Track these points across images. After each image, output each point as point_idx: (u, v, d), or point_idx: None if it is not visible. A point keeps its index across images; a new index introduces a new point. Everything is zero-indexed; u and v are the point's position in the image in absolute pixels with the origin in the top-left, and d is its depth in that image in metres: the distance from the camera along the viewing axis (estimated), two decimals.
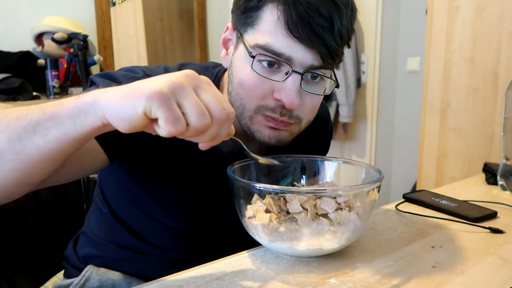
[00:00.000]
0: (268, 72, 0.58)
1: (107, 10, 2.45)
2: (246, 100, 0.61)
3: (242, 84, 0.60)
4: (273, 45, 0.56)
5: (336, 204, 0.55)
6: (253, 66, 0.58)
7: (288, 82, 0.57)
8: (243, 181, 0.56)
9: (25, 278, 0.83)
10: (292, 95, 0.57)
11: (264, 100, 0.60)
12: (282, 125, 0.62)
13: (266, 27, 0.56)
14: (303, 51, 0.56)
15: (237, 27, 0.62)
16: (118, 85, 0.59)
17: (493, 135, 1.48)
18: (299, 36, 0.54)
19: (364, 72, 2.59)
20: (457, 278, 0.52)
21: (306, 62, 0.57)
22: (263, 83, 0.58)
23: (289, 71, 0.57)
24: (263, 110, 0.60)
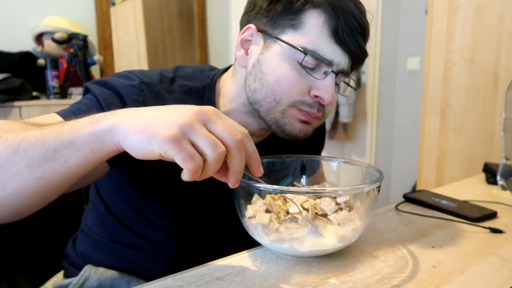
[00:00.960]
0: (310, 73, 0.63)
1: (107, 10, 2.45)
2: (282, 96, 0.64)
3: (280, 81, 0.63)
4: (319, 51, 0.61)
5: (336, 204, 0.55)
6: (302, 65, 0.62)
7: (328, 80, 0.62)
8: (243, 181, 0.56)
9: (26, 278, 0.83)
10: (332, 92, 0.62)
11: (302, 96, 0.64)
12: (314, 120, 0.66)
13: (312, 32, 0.61)
14: (342, 55, 0.62)
15: (265, 29, 0.65)
16: (113, 93, 0.61)
17: (493, 135, 1.48)
18: (342, 41, 0.60)
19: (364, 72, 2.59)
20: (457, 278, 0.52)
21: (341, 65, 0.63)
22: (303, 80, 0.63)
23: (328, 71, 0.62)
24: (300, 105, 0.64)
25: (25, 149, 0.45)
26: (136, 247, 0.73)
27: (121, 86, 0.63)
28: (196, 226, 0.76)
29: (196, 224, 0.76)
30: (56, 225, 0.90)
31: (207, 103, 0.68)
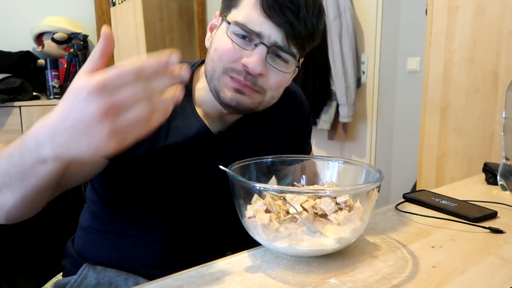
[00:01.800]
0: (241, 43, 0.67)
1: (107, 10, 2.45)
2: (217, 63, 0.69)
3: (217, 49, 0.69)
4: (248, 23, 0.65)
5: (336, 204, 0.55)
6: (227, 32, 0.67)
7: (255, 51, 0.66)
8: (243, 181, 0.56)
9: (26, 279, 0.83)
10: (256, 61, 0.65)
11: (233, 63, 0.68)
12: (245, 89, 0.68)
13: (245, 7, 0.67)
14: (272, 28, 0.65)
15: (222, 13, 0.71)
16: None
17: (493, 135, 1.48)
18: (270, 15, 0.64)
19: (364, 72, 2.59)
20: (457, 278, 0.52)
21: (273, 38, 0.66)
22: (235, 50, 0.67)
23: (258, 42, 0.66)
24: (229, 72, 0.68)
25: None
26: (131, 235, 0.75)
27: None
28: (196, 225, 0.77)
29: (195, 223, 0.77)
30: (56, 225, 0.90)
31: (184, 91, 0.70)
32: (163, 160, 0.71)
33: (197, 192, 0.74)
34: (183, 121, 0.72)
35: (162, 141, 0.70)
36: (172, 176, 0.72)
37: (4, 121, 1.78)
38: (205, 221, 0.77)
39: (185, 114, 0.73)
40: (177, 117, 0.72)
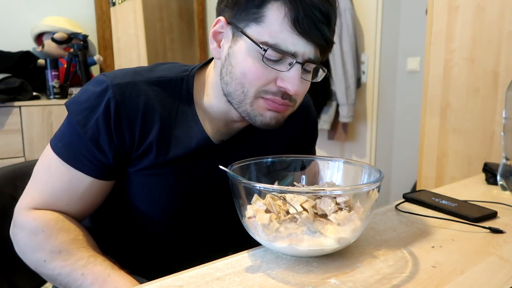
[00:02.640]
0: (274, 65, 0.63)
1: (107, 10, 2.45)
2: (248, 88, 0.65)
3: (246, 74, 0.64)
4: (281, 44, 0.61)
5: (336, 204, 0.55)
6: (264, 60, 0.62)
7: (292, 72, 0.63)
8: (243, 181, 0.56)
9: (26, 279, 0.83)
10: (297, 83, 0.63)
11: (266, 86, 0.65)
12: (281, 108, 0.67)
13: (273, 25, 0.61)
14: (305, 45, 0.62)
15: (233, 22, 0.65)
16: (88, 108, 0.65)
17: (493, 135, 1.48)
18: (304, 32, 0.60)
19: (364, 72, 2.59)
20: (457, 278, 0.52)
21: (307, 55, 0.63)
22: (268, 72, 0.64)
23: (293, 62, 0.63)
24: (263, 94, 0.65)
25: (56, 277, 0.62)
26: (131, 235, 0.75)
27: (99, 103, 0.65)
28: (195, 225, 0.77)
29: (196, 224, 0.77)
30: None
31: (185, 95, 0.71)
32: (165, 170, 0.70)
33: (198, 199, 0.74)
34: (185, 130, 0.70)
35: (164, 153, 0.68)
36: (173, 185, 0.71)
37: (4, 121, 1.78)
38: (206, 222, 0.77)
39: (186, 122, 0.71)
40: (178, 125, 0.70)
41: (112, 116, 0.64)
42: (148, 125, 0.67)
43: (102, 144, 0.65)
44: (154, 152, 0.67)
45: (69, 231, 0.65)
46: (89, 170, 0.65)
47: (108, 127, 0.64)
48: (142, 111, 0.66)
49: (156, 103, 0.68)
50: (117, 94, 0.65)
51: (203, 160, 0.72)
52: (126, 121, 0.65)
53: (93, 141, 0.64)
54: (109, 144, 0.65)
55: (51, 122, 1.87)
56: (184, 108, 0.71)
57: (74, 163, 0.65)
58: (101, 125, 0.64)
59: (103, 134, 0.64)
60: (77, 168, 0.65)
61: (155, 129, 0.67)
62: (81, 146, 0.65)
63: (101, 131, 0.64)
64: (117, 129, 0.64)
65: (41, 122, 1.86)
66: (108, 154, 0.65)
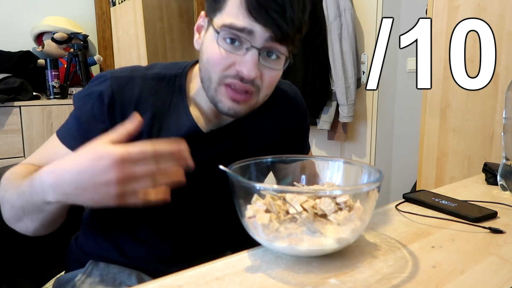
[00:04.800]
0: (231, 48, 0.67)
1: (107, 10, 2.45)
2: (212, 73, 0.69)
3: (209, 59, 0.68)
4: (236, 24, 0.65)
5: (336, 204, 0.55)
6: (218, 41, 0.66)
7: (247, 55, 0.66)
8: (243, 181, 0.56)
9: (26, 279, 0.83)
10: (251, 67, 0.66)
11: (227, 70, 0.68)
12: (242, 97, 0.69)
13: (231, 10, 0.65)
14: (261, 30, 0.65)
15: (208, 14, 0.70)
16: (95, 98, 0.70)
17: (493, 135, 1.48)
18: (256, 17, 0.64)
19: (364, 72, 2.59)
20: (457, 278, 0.52)
21: (262, 40, 0.65)
22: (227, 57, 0.67)
23: (249, 45, 0.65)
24: (225, 79, 0.68)
25: (19, 209, 0.61)
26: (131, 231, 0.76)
27: (97, 89, 0.70)
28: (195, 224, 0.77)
29: (194, 222, 0.77)
30: None
31: (177, 90, 0.75)
32: None
33: (191, 190, 0.74)
34: (175, 120, 0.73)
35: (154, 140, 0.70)
36: None
37: (4, 121, 1.78)
38: (205, 220, 0.78)
39: (178, 113, 0.74)
40: (170, 116, 0.73)
41: (106, 102, 0.69)
42: (140, 113, 0.69)
43: (94, 127, 0.69)
44: (145, 138, 0.70)
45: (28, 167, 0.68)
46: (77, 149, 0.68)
47: (102, 112, 0.69)
48: (136, 101, 0.71)
49: (149, 95, 0.72)
50: (114, 84, 0.70)
51: (193, 147, 0.73)
52: (119, 108, 0.69)
53: (87, 123, 0.69)
54: (100, 127, 0.68)
55: (51, 122, 1.87)
56: (176, 101, 0.74)
57: (68, 142, 0.70)
58: (96, 109, 0.69)
59: (96, 117, 0.69)
60: (68, 147, 0.69)
61: (146, 117, 0.71)
62: (77, 128, 0.70)
63: (95, 114, 0.69)
64: (110, 114, 0.69)
65: (41, 122, 1.85)
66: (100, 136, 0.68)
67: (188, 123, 0.73)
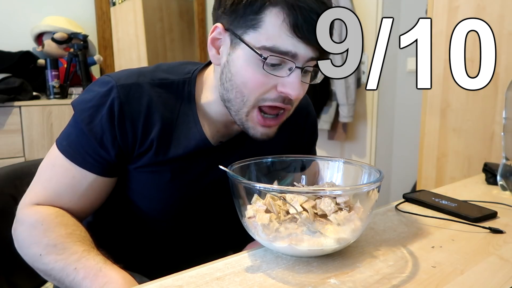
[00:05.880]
0: (273, 70, 0.63)
1: (107, 10, 2.45)
2: (248, 97, 0.65)
3: (247, 83, 0.64)
4: (280, 46, 0.60)
5: (336, 204, 0.55)
6: (264, 67, 0.62)
7: (292, 77, 0.63)
8: (243, 181, 0.56)
9: (26, 279, 0.83)
10: (298, 87, 0.63)
11: (266, 94, 0.65)
12: (273, 122, 0.68)
13: (271, 30, 0.60)
14: (304, 49, 0.61)
15: (231, 29, 0.64)
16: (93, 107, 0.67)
17: (493, 135, 1.48)
18: (303, 36, 0.60)
19: (364, 72, 2.59)
20: (457, 278, 0.52)
21: (306, 58, 0.62)
22: (269, 80, 0.63)
23: (293, 67, 0.62)
24: (262, 102, 0.65)
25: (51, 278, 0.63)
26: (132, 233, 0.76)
27: (104, 101, 0.66)
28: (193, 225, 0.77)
29: (195, 224, 0.77)
30: None
31: (187, 97, 0.72)
32: (163, 168, 0.71)
33: (196, 199, 0.74)
34: (185, 131, 0.71)
35: (164, 152, 0.69)
36: (170, 183, 0.72)
37: (4, 121, 1.78)
38: (204, 222, 0.78)
39: (187, 123, 0.71)
40: (178, 126, 0.71)
41: (116, 115, 0.65)
42: (150, 125, 0.68)
43: (105, 142, 0.66)
44: (154, 150, 0.68)
45: (67, 226, 0.65)
46: (92, 167, 0.67)
47: (112, 126, 0.66)
48: (145, 111, 0.67)
49: (158, 104, 0.69)
50: (122, 95, 0.66)
51: (201, 160, 0.73)
52: (129, 121, 0.66)
53: (97, 139, 0.66)
54: (112, 142, 0.66)
55: (51, 122, 1.87)
56: (185, 109, 0.72)
57: (78, 160, 0.66)
58: (105, 123, 0.65)
59: (107, 132, 0.66)
60: (80, 165, 0.67)
61: (156, 128, 0.68)
62: (86, 144, 0.66)
63: (105, 129, 0.66)
64: (120, 127, 0.66)
65: (41, 122, 1.85)
66: (111, 152, 0.67)
67: (197, 135, 0.71)
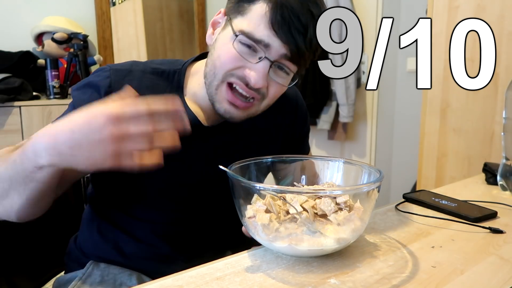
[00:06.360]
0: (245, 53, 0.67)
1: (107, 10, 2.45)
2: (218, 69, 0.69)
3: (220, 56, 0.69)
4: (256, 34, 0.65)
5: (336, 204, 0.55)
6: (234, 44, 0.67)
7: (259, 65, 0.66)
8: (243, 181, 0.56)
9: (26, 279, 0.83)
10: (260, 77, 0.66)
11: (235, 70, 0.68)
12: (242, 104, 0.69)
13: (253, 18, 0.66)
14: (279, 43, 0.65)
15: (228, 13, 0.71)
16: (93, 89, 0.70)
17: (493, 135, 1.48)
18: (278, 32, 0.64)
19: (364, 72, 2.59)
20: (457, 278, 0.52)
21: (277, 54, 0.66)
22: (239, 59, 0.67)
23: (263, 56, 0.66)
24: (230, 78, 0.68)
25: (6, 182, 0.56)
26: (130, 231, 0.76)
27: (95, 79, 0.71)
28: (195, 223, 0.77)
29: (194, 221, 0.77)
30: (56, 225, 0.90)
31: (176, 85, 0.75)
32: None
33: (189, 182, 0.75)
34: None
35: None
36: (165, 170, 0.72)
37: (4, 121, 1.78)
38: (204, 220, 0.78)
39: None
40: None
41: (103, 91, 0.69)
42: None
43: None
44: None
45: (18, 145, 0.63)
46: None
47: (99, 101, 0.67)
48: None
49: (148, 90, 0.72)
50: (113, 75, 0.71)
51: (195, 142, 0.73)
52: None
53: None
54: None
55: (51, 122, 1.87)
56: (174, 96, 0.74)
57: None
58: (93, 99, 0.68)
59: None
60: None
61: None
62: None
63: (92, 104, 0.66)
64: None
65: (41, 122, 1.85)
66: None
67: (188, 116, 0.73)
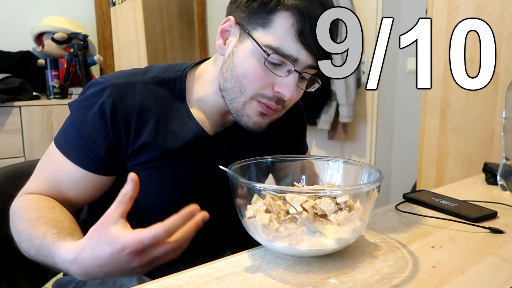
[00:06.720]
0: (272, 68, 0.66)
1: (107, 10, 2.45)
2: (247, 88, 0.68)
3: (247, 75, 0.67)
4: (284, 49, 0.64)
5: (336, 204, 0.55)
6: (265, 63, 0.66)
7: (290, 78, 0.66)
8: (243, 181, 0.56)
9: (26, 279, 0.83)
10: (292, 90, 0.67)
11: (264, 90, 0.68)
12: (271, 112, 0.70)
13: (279, 32, 0.64)
14: (306, 55, 0.65)
15: (242, 23, 0.68)
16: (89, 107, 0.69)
17: (493, 135, 1.48)
18: (306, 43, 0.63)
19: (364, 72, 2.59)
20: (457, 278, 0.52)
21: (305, 64, 0.66)
22: (268, 76, 0.67)
23: (291, 69, 0.66)
24: (259, 98, 0.68)
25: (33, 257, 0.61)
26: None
27: (97, 100, 0.68)
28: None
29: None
30: None
31: (178, 94, 0.74)
32: (162, 163, 0.71)
33: (195, 192, 0.75)
34: (180, 125, 0.73)
35: (161, 147, 0.71)
36: (171, 177, 0.72)
37: (4, 121, 1.78)
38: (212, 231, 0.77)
39: (181, 119, 0.73)
40: (173, 121, 0.72)
41: (109, 113, 0.67)
42: (143, 122, 0.70)
43: (98, 140, 0.68)
44: (151, 146, 0.70)
45: (40, 209, 0.65)
46: (87, 165, 0.68)
47: (105, 124, 0.67)
48: (138, 108, 0.69)
49: (151, 101, 0.71)
50: (114, 93, 0.68)
51: (199, 151, 0.74)
52: (122, 118, 0.68)
53: (90, 136, 0.68)
54: (104, 139, 0.68)
55: (51, 122, 1.87)
56: (177, 105, 0.74)
57: (74, 158, 0.68)
58: (98, 121, 0.67)
59: (99, 130, 0.67)
60: (74, 162, 0.68)
61: (150, 124, 0.70)
62: (80, 141, 0.68)
63: (98, 127, 0.67)
64: (113, 125, 0.67)
65: (41, 122, 1.85)
66: (104, 149, 0.68)
67: (193, 127, 0.73)
